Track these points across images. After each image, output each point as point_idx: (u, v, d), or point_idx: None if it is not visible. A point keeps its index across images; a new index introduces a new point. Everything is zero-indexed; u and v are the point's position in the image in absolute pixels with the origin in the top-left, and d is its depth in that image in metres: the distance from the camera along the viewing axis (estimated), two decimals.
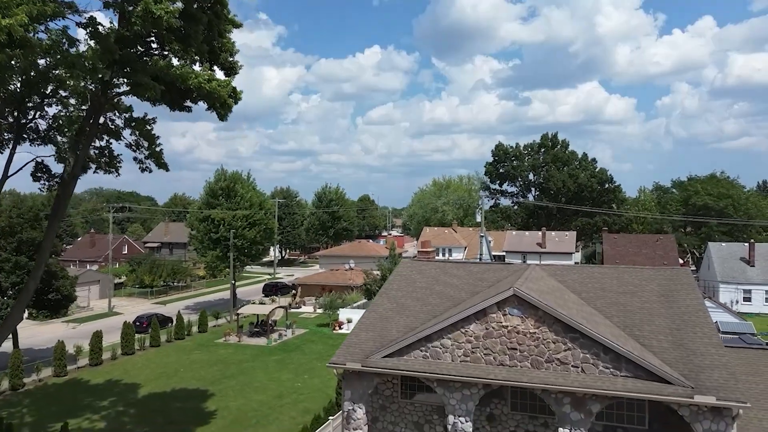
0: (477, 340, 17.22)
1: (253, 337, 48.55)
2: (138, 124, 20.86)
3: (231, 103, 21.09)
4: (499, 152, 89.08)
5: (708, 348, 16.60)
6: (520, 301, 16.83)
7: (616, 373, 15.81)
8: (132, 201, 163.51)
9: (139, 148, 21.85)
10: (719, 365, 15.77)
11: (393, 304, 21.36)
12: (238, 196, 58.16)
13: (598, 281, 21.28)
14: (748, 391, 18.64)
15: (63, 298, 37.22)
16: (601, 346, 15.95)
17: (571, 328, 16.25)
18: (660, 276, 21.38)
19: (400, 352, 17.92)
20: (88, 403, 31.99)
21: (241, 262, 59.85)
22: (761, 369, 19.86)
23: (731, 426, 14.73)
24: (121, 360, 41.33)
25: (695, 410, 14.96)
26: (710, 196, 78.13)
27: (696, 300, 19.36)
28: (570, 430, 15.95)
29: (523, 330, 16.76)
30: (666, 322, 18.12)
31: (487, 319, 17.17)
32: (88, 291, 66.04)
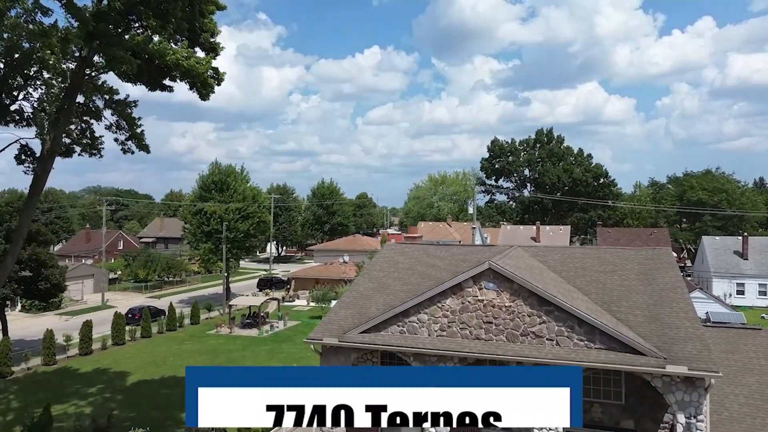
0: (453, 314, 17.24)
1: (245, 329, 48.51)
2: (118, 106, 20.87)
3: (213, 83, 21.10)
4: (495, 147, 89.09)
5: (683, 321, 16.63)
6: (495, 274, 16.85)
7: (591, 345, 15.83)
8: (129, 197, 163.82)
9: (120, 130, 21.86)
10: (693, 338, 15.80)
11: (374, 284, 21.38)
12: (231, 189, 58.15)
13: (579, 261, 21.31)
14: (727, 367, 18.72)
15: (52, 287, 37.14)
16: (575, 318, 15.98)
17: (545, 301, 16.28)
18: (640, 256, 21.42)
19: (377, 328, 17.94)
20: (76, 390, 31.98)
21: (234, 255, 59.83)
22: (741, 347, 19.88)
23: (704, 396, 14.74)
24: (111, 350, 41.29)
25: (668, 381, 14.98)
26: (705, 191, 78.17)
27: (675, 278, 19.39)
28: None
29: (498, 304, 16.78)
30: (643, 298, 18.15)
31: (463, 293, 17.18)
32: (82, 285, 66.06)
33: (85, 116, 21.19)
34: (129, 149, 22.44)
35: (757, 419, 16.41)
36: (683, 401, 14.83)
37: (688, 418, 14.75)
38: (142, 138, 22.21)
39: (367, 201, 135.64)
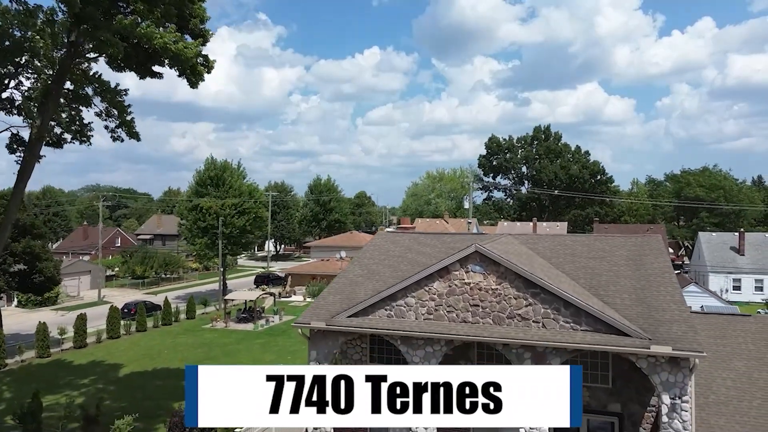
0: (440, 297, 17.24)
1: (240, 323, 48.52)
2: (107, 92, 20.88)
3: (202, 70, 21.13)
4: (493, 145, 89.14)
5: (670, 305, 16.63)
6: (482, 257, 16.85)
7: (576, 327, 15.83)
8: (128, 196, 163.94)
9: (110, 117, 21.87)
10: (679, 320, 15.80)
11: (364, 271, 21.39)
12: (227, 184, 58.16)
13: (569, 248, 21.31)
14: (715, 352, 18.74)
15: (47, 280, 37.14)
16: (561, 300, 15.98)
17: (532, 283, 16.28)
18: (630, 243, 21.43)
19: (365, 312, 17.93)
20: (69, 381, 31.99)
21: (230, 251, 59.83)
22: (729, 333, 19.89)
23: (689, 377, 14.74)
24: (105, 343, 41.30)
25: (653, 362, 14.98)
26: (702, 187, 78.17)
27: (663, 263, 19.40)
28: None
29: (485, 287, 16.78)
30: (631, 283, 18.15)
31: (450, 276, 17.19)
32: (78, 281, 66.08)
33: (75, 103, 21.16)
34: (119, 137, 22.46)
35: (743, 402, 16.42)
36: (668, 382, 14.83)
37: (672, 398, 14.75)
38: (132, 125, 22.21)
39: (366, 200, 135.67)
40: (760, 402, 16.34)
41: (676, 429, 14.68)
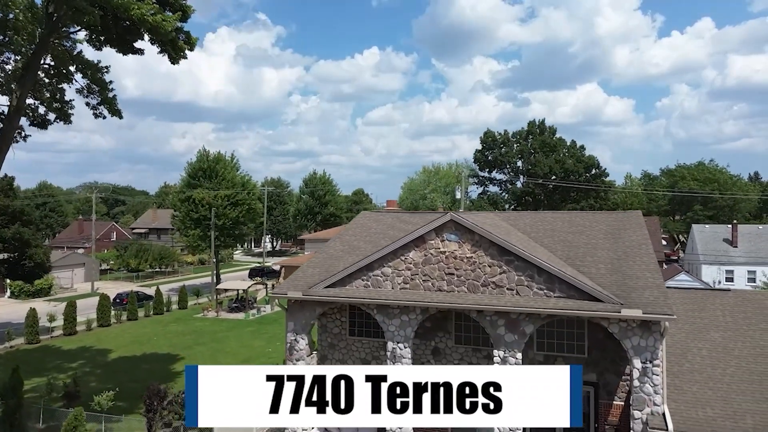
0: (416, 266, 17.28)
1: (232, 313, 48.61)
2: (88, 68, 20.92)
3: (183, 46, 21.13)
4: (488, 139, 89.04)
5: (644, 273, 16.67)
6: (457, 226, 16.90)
7: (550, 294, 15.88)
8: (126, 194, 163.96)
9: (92, 94, 21.91)
10: (652, 286, 15.84)
11: (345, 246, 21.43)
12: (220, 176, 58.14)
13: (549, 224, 21.35)
14: (692, 324, 18.80)
15: (36, 267, 37.10)
16: (535, 267, 16.02)
17: (506, 251, 16.33)
18: (611, 218, 21.48)
19: (342, 282, 17.97)
20: (56, 365, 32.04)
21: (223, 242, 59.81)
22: (708, 306, 19.93)
23: (659, 341, 14.78)
24: (95, 331, 41.39)
25: (624, 326, 15.03)
26: (696, 181, 78.21)
27: (641, 236, 19.44)
28: (504, 351, 16.00)
29: (460, 255, 16.82)
30: (608, 254, 18.19)
31: (425, 245, 17.23)
32: (72, 273, 66.15)
33: (56, 79, 21.20)
34: (101, 114, 22.50)
35: (717, 369, 16.44)
36: (639, 346, 14.87)
37: (644, 362, 14.78)
38: (114, 103, 22.27)
39: (363, 197, 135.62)
40: (733, 370, 16.37)
41: (647, 393, 14.71)
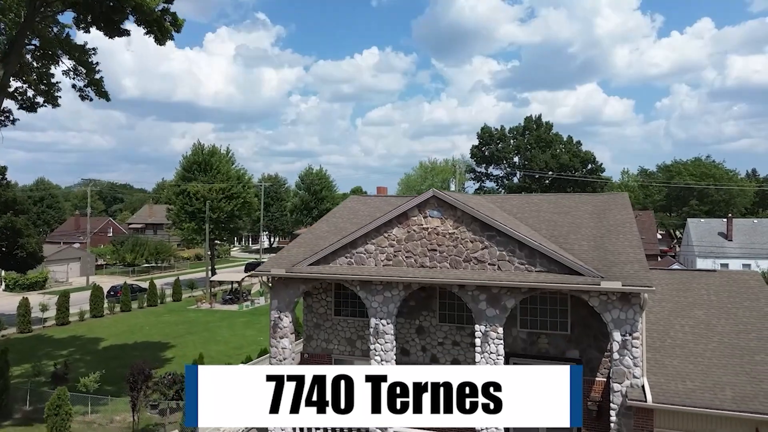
0: (399, 243, 17.29)
1: (225, 305, 48.66)
2: (74, 50, 20.95)
3: (169, 28, 21.12)
4: (485, 135, 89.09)
5: (626, 248, 16.68)
6: (439, 202, 16.91)
7: (531, 268, 15.88)
8: (125, 192, 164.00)
9: (78, 75, 21.94)
10: (633, 261, 15.85)
11: (331, 227, 21.43)
12: (215, 169, 58.17)
13: (535, 206, 21.34)
14: (677, 303, 18.82)
15: (29, 256, 37.11)
16: (516, 242, 16.03)
17: (488, 226, 16.34)
18: (597, 200, 21.51)
19: (326, 260, 17.97)
20: (47, 352, 32.04)
21: (218, 236, 59.87)
22: (693, 286, 19.95)
23: (639, 314, 14.78)
24: (88, 321, 41.40)
25: (605, 300, 15.03)
26: (692, 176, 78.25)
27: (626, 216, 19.46)
28: (486, 326, 16.01)
29: (442, 231, 16.83)
30: (591, 232, 18.20)
31: (408, 222, 17.24)
32: (68, 267, 66.16)
33: (42, 60, 21.23)
34: (87, 96, 22.54)
35: (699, 345, 16.45)
36: (619, 319, 14.87)
37: (623, 335, 14.78)
38: (101, 84, 22.31)
39: (361, 194, 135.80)
40: (715, 345, 16.38)
41: (627, 365, 14.72)
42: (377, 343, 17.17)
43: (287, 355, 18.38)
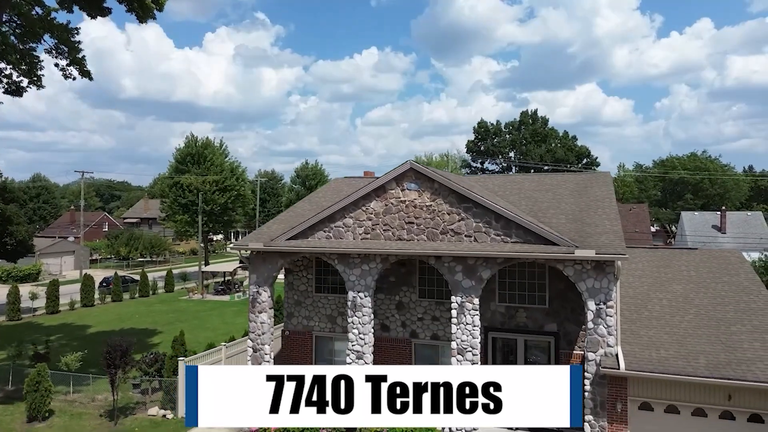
0: (377, 216, 17.28)
1: (217, 295, 48.62)
2: (55, 29, 20.94)
3: (151, 6, 21.09)
4: (481, 129, 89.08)
5: (603, 221, 16.69)
6: (417, 174, 16.90)
7: (507, 239, 15.88)
8: (122, 190, 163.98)
9: (60, 55, 21.92)
10: (609, 232, 15.86)
11: (312, 206, 21.41)
12: (208, 161, 58.09)
13: (517, 184, 21.37)
14: (657, 278, 18.81)
15: (18, 244, 37.08)
16: (492, 213, 16.03)
17: (464, 198, 16.33)
18: (579, 178, 21.56)
19: (304, 234, 17.97)
20: (34, 339, 31.90)
21: (211, 228, 59.81)
22: (673, 263, 19.97)
23: (613, 282, 14.78)
24: (78, 310, 41.29)
25: (579, 269, 15.03)
26: (687, 170, 78.28)
27: (606, 192, 19.49)
28: (462, 297, 16.00)
29: (419, 203, 16.83)
30: (571, 207, 18.21)
31: (386, 195, 17.23)
32: (61, 260, 66.13)
33: (24, 38, 21.21)
34: (70, 75, 22.51)
35: (676, 317, 16.45)
36: (593, 288, 14.87)
37: (598, 304, 14.79)
38: (83, 64, 22.28)
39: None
40: (692, 317, 16.38)
41: (601, 334, 14.72)
42: (354, 316, 17.15)
43: (266, 330, 18.37)
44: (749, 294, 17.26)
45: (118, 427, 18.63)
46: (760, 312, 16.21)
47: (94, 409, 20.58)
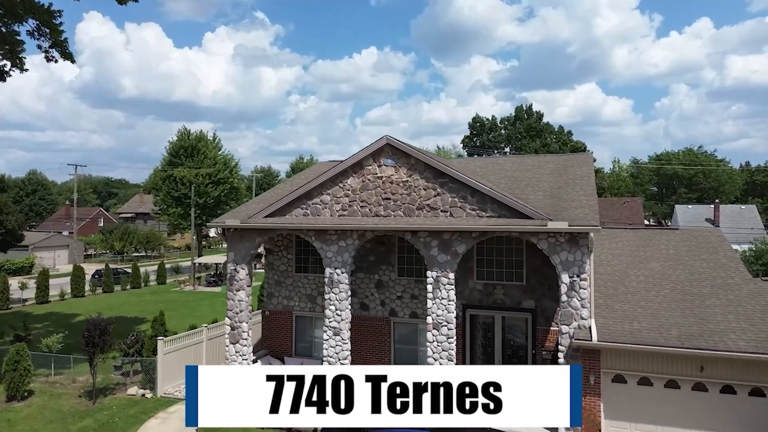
0: (354, 193, 17.27)
1: (209, 287, 48.65)
2: (36, 10, 20.91)
3: None
4: (476, 125, 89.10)
5: (579, 196, 16.69)
6: (393, 150, 16.89)
7: (482, 214, 15.87)
8: (120, 188, 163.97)
9: (42, 37, 21.90)
10: (584, 206, 15.86)
11: (293, 187, 21.35)
12: (201, 154, 58.08)
13: (499, 165, 21.37)
14: (635, 256, 18.83)
15: (8, 233, 37.06)
16: (468, 188, 16.02)
17: (440, 173, 16.33)
18: (560, 159, 21.56)
19: (281, 211, 17.97)
20: (21, 326, 31.93)
21: (205, 221, 59.72)
22: (653, 242, 19.98)
23: (587, 255, 14.77)
24: (69, 301, 41.30)
25: (553, 242, 15.02)
26: (682, 164, 78.30)
27: (586, 171, 19.48)
28: (438, 271, 15.99)
29: (396, 179, 16.82)
30: (549, 185, 18.21)
31: (363, 171, 17.22)
32: (55, 254, 66.10)
33: (4, 18, 21.17)
34: (53, 57, 22.49)
35: (651, 292, 16.45)
36: (567, 261, 14.86)
37: (571, 277, 14.77)
38: (66, 46, 22.26)
39: None
40: (667, 292, 16.38)
41: (574, 307, 14.71)
42: (332, 293, 17.14)
43: (243, 308, 18.36)
44: (727, 270, 17.26)
45: (97, 405, 18.63)
46: (737, 287, 16.21)
47: (74, 389, 20.58)
